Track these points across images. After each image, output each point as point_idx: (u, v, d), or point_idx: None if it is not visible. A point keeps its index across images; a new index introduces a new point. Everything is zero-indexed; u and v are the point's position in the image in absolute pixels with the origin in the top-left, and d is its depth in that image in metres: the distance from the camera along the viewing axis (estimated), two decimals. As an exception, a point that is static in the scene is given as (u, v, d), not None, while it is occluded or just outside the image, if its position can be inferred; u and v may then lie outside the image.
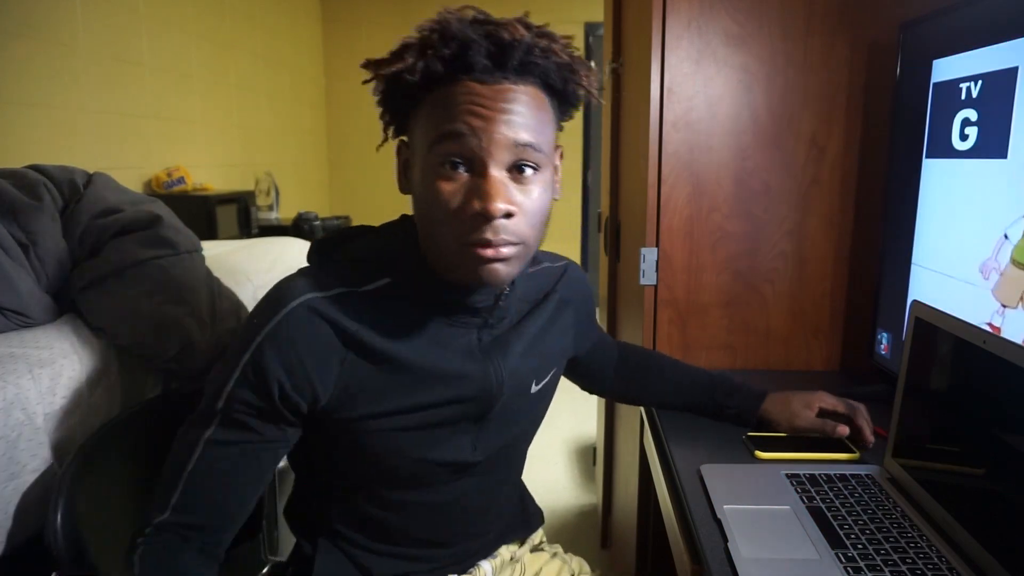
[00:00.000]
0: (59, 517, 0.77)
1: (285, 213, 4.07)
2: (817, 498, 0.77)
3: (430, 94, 0.67)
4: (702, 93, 1.21)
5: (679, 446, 0.95)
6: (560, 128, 0.76)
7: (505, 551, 0.96)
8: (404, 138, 0.75)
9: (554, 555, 1.03)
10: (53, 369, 0.95)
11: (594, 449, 2.47)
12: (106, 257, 1.09)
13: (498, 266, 0.67)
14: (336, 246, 0.78)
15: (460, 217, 0.65)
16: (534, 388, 0.85)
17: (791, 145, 1.23)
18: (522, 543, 1.00)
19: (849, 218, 1.25)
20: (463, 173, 0.66)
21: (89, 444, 0.87)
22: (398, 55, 0.67)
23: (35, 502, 0.90)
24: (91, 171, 1.26)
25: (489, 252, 0.65)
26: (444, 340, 0.76)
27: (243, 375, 0.69)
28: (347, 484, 0.81)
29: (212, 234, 2.84)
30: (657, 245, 1.25)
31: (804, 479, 0.82)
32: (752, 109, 1.22)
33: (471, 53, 0.64)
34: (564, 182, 5.45)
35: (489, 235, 0.65)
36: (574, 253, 5.39)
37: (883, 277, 1.14)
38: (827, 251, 1.26)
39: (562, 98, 0.73)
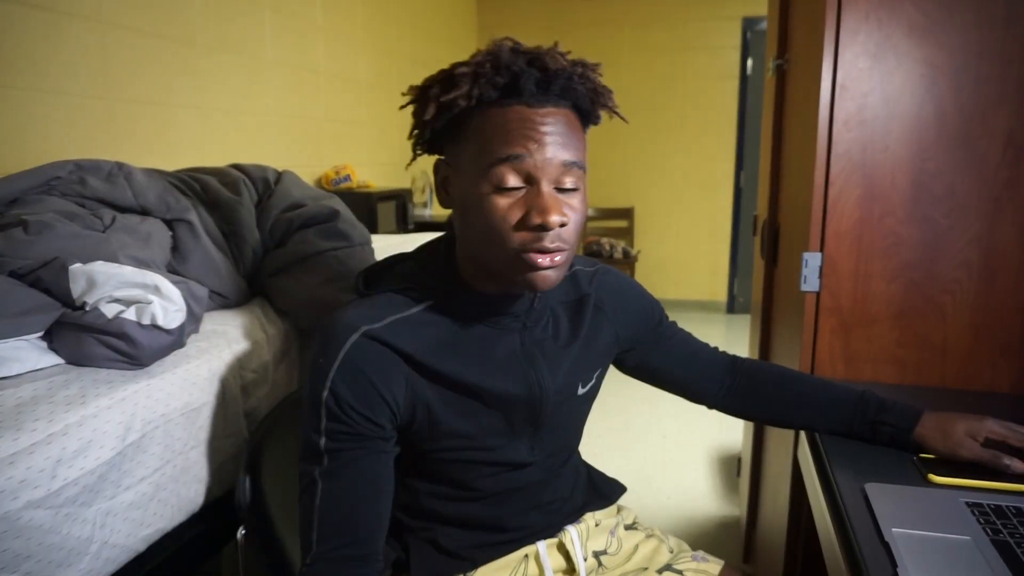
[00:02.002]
0: (248, 478, 0.87)
1: (438, 210, 4.26)
2: (1004, 532, 0.70)
3: (477, 117, 0.74)
4: (879, 89, 1.13)
5: (840, 462, 0.90)
6: None
7: (589, 518, 0.99)
8: (441, 157, 0.81)
9: (650, 535, 1.03)
10: (247, 346, 1.07)
11: (738, 459, 2.38)
12: (291, 247, 1.21)
13: (549, 272, 0.74)
14: (380, 276, 0.85)
15: (520, 228, 0.72)
16: (580, 390, 0.90)
17: (983, 145, 1.12)
18: (609, 515, 1.02)
19: (1051, 226, 1.11)
20: (517, 189, 0.73)
21: (273, 415, 0.97)
22: (451, 83, 0.74)
23: (228, 462, 1.02)
24: (278, 169, 1.41)
25: (544, 260, 0.72)
26: (488, 348, 0.81)
27: (328, 412, 0.75)
28: (417, 482, 0.87)
29: (373, 229, 3.04)
30: (821, 250, 1.19)
31: (988, 509, 0.74)
32: (937, 105, 1.12)
33: (522, 80, 0.72)
34: (716, 183, 5.29)
35: (547, 243, 0.72)
36: (723, 255, 5.20)
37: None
38: (1022, 262, 1.14)
39: (586, 118, 0.80)
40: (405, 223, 3.41)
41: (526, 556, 0.92)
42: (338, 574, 0.75)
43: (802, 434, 1.08)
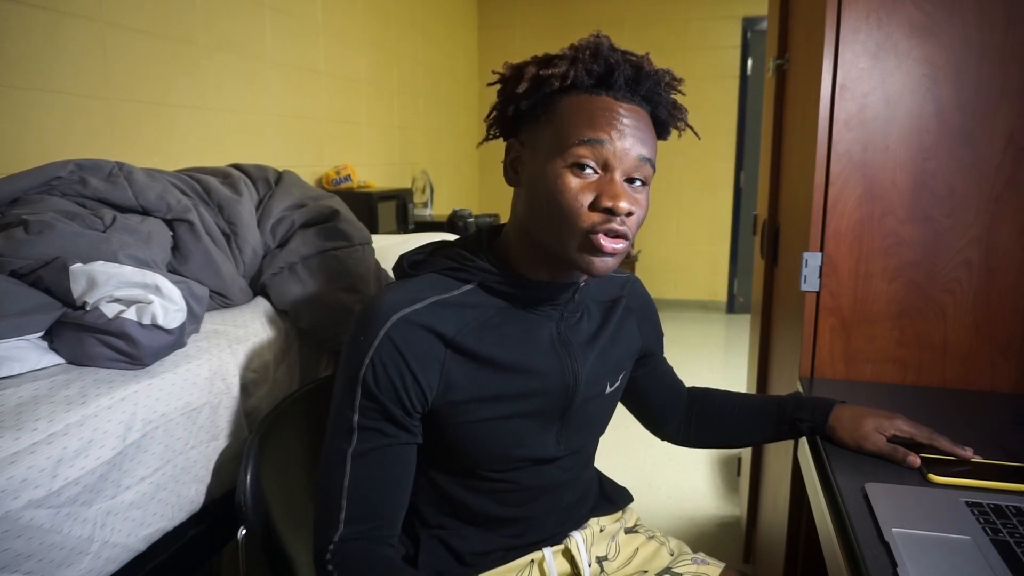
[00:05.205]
0: (248, 478, 0.87)
1: (438, 210, 4.26)
2: (1004, 531, 0.70)
3: (564, 101, 0.77)
4: (879, 89, 1.13)
5: (840, 462, 0.90)
6: None
7: (594, 523, 1.00)
8: (514, 138, 0.84)
9: (651, 537, 1.05)
10: (247, 346, 1.07)
11: (738, 459, 2.38)
12: (292, 247, 1.21)
13: (607, 259, 0.76)
14: (425, 259, 0.87)
15: (590, 209, 0.74)
16: (608, 389, 0.92)
17: (984, 144, 1.12)
18: (614, 520, 1.04)
19: (1052, 226, 1.11)
20: (591, 174, 0.75)
21: (273, 415, 0.97)
22: (548, 63, 0.77)
23: (229, 462, 1.02)
24: (279, 169, 1.40)
25: (608, 244, 0.74)
26: (527, 333, 0.83)
27: (365, 389, 0.77)
28: (442, 476, 0.87)
29: (373, 229, 3.04)
30: (822, 250, 1.19)
31: (988, 509, 0.75)
32: (937, 105, 1.12)
33: (616, 73, 0.76)
34: (716, 183, 5.33)
35: (615, 225, 0.74)
36: (723, 255, 5.20)
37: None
38: (1022, 262, 1.14)
39: (660, 129, 0.83)
40: (405, 223, 3.41)
41: (532, 561, 0.92)
42: (369, 554, 0.77)
43: (802, 434, 1.08)
